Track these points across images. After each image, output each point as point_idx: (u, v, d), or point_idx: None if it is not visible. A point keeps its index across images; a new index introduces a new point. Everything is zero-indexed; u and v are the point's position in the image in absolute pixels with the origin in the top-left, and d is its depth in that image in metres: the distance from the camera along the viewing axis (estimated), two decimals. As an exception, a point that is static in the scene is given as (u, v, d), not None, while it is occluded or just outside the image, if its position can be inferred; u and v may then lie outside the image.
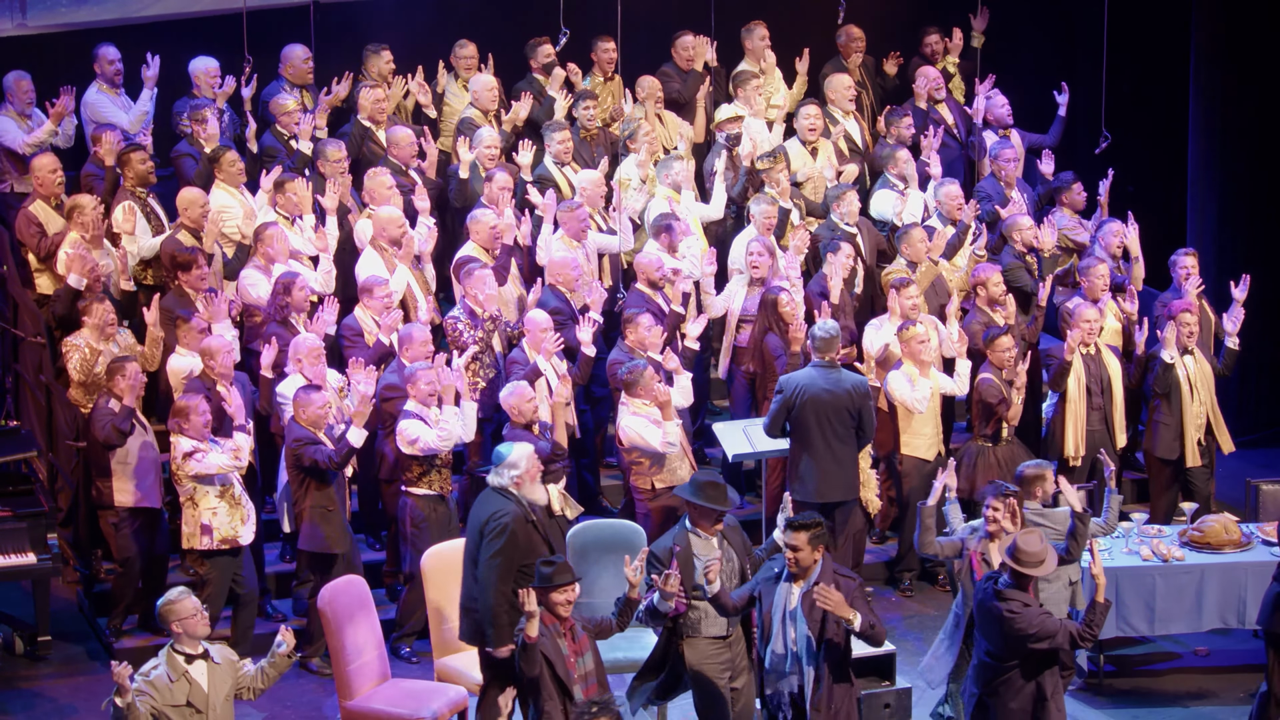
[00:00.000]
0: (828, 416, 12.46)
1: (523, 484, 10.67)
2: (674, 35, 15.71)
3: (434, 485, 12.23)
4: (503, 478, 10.70)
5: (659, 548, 10.52)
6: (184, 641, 9.88)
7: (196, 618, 9.86)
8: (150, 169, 13.81)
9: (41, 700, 12.08)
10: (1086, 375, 13.48)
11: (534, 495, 10.67)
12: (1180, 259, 14.09)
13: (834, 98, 15.55)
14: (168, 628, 9.88)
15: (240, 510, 11.99)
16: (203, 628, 9.90)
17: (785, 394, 12.50)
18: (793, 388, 12.51)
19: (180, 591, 9.93)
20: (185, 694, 9.80)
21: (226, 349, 12.35)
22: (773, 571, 10.10)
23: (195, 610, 9.87)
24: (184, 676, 9.81)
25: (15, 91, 14.36)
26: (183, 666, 9.83)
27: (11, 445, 12.87)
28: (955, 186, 14.60)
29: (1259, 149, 16.15)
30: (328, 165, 13.99)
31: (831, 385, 12.48)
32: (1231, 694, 12.17)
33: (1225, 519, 12.41)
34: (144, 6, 15.13)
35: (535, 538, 10.62)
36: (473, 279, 13.08)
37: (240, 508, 11.99)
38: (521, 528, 10.58)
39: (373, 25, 15.66)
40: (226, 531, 11.95)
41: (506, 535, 10.57)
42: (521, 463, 10.68)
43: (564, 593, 9.85)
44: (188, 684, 9.82)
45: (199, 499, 11.88)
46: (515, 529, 10.56)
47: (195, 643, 9.90)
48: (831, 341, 12.63)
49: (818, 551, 9.95)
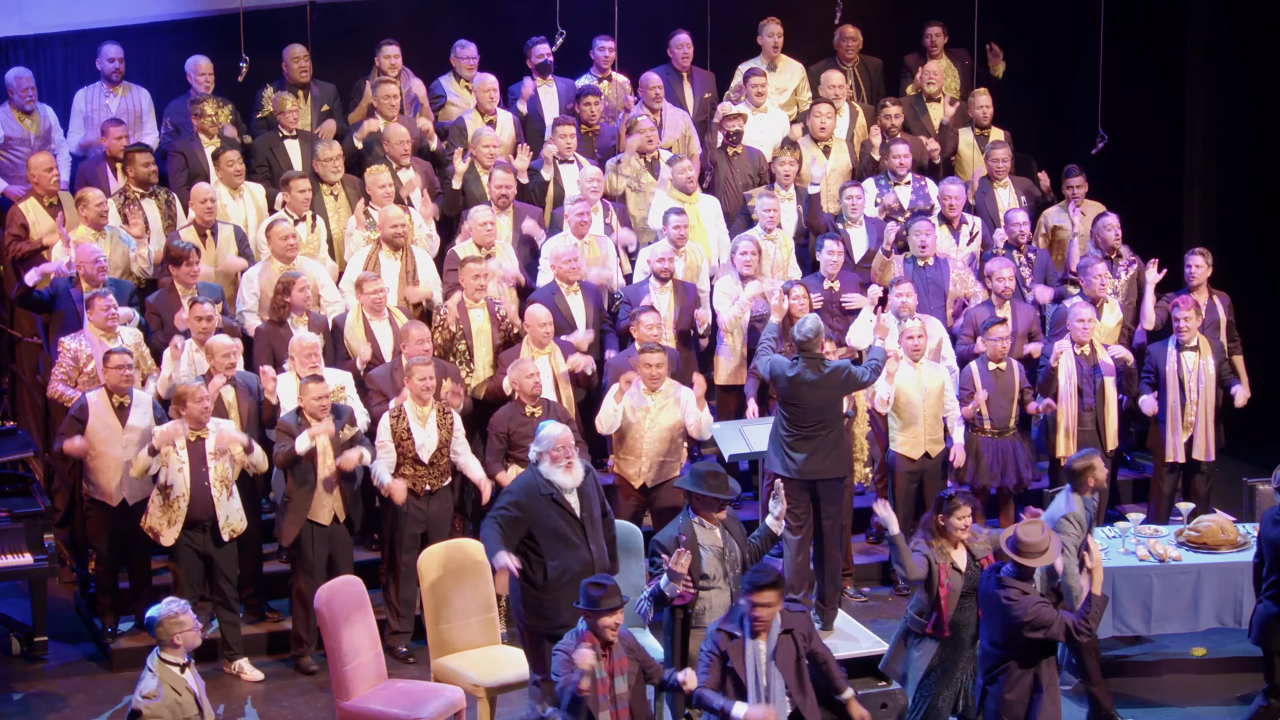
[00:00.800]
0: (816, 402, 12.31)
1: (542, 460, 10.66)
2: (670, 34, 15.72)
3: (407, 479, 12.36)
4: (532, 453, 10.76)
5: (664, 538, 10.54)
6: (173, 651, 9.74)
7: (195, 632, 9.79)
8: (152, 170, 13.85)
9: (38, 700, 12.07)
10: (1079, 375, 13.50)
11: (552, 475, 10.63)
12: (1188, 258, 14.12)
13: (826, 94, 15.55)
14: (168, 639, 9.71)
15: (170, 513, 12.01)
16: (197, 641, 9.84)
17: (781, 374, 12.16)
18: (785, 367, 12.17)
19: (183, 606, 9.80)
20: (192, 706, 9.73)
21: (227, 349, 12.37)
22: (726, 636, 10.00)
23: (194, 624, 9.79)
24: (186, 689, 9.71)
25: (16, 88, 14.39)
26: (178, 677, 9.70)
27: (8, 446, 12.87)
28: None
29: (1256, 148, 16.16)
30: (320, 165, 14.02)
31: (819, 375, 12.36)
32: (1228, 694, 12.17)
33: (1222, 519, 12.41)
34: (142, 7, 15.14)
35: (553, 513, 10.58)
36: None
37: (171, 510, 12.01)
38: (532, 500, 10.57)
39: (371, 25, 15.66)
40: (153, 521, 12.03)
41: (508, 506, 10.61)
42: (544, 441, 10.68)
43: (613, 616, 9.76)
44: (190, 695, 9.73)
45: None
46: (522, 501, 10.57)
47: (182, 652, 9.78)
48: (813, 341, 12.40)
49: (779, 603, 9.99)
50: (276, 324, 12.95)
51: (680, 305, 13.71)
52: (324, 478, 12.22)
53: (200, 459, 12.01)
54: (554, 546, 10.57)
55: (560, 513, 10.60)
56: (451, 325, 13.24)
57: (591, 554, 10.63)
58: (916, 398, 13.24)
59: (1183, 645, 12.58)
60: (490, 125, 14.81)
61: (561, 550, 10.57)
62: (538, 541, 10.60)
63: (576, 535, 10.61)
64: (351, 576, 11.39)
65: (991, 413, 13.40)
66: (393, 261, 13.64)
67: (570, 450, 10.68)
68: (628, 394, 12.69)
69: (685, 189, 14.45)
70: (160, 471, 11.97)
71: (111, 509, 12.34)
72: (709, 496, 10.52)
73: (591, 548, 10.65)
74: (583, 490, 10.71)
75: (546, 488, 10.59)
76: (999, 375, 13.42)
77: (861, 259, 14.41)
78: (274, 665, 12.51)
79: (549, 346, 13.11)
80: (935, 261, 14.19)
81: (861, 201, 14.56)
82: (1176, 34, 16.34)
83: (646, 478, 12.81)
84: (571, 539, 10.60)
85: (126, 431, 12.25)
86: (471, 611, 11.35)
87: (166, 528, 12.05)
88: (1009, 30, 16.51)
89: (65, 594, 13.22)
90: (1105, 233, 14.45)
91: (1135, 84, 16.34)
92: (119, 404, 12.23)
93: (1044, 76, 17.04)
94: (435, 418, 12.43)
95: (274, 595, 12.96)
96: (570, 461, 10.66)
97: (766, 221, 14.18)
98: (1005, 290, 13.91)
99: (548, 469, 10.61)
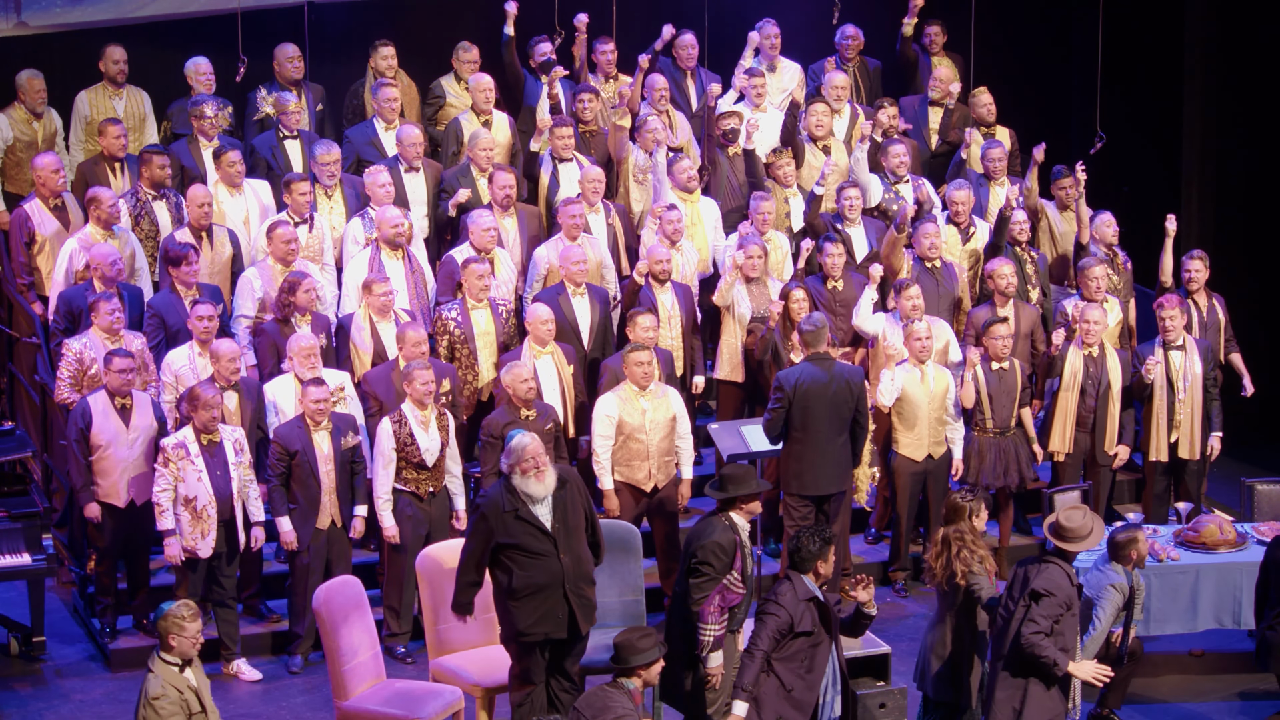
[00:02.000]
0: (823, 409, 12.44)
1: (514, 473, 10.65)
2: (674, 35, 15.72)
3: (409, 483, 12.31)
4: (503, 464, 10.73)
5: (721, 540, 10.37)
6: (169, 651, 9.74)
7: (194, 640, 9.76)
8: (167, 174, 13.86)
9: (36, 701, 12.07)
10: (1084, 375, 13.50)
11: (526, 487, 10.60)
12: (1185, 261, 14.12)
13: (829, 95, 15.54)
14: (165, 638, 9.71)
15: (201, 524, 12.01)
16: (194, 650, 9.80)
17: (784, 392, 12.47)
18: (791, 384, 12.50)
19: (191, 610, 9.77)
20: (195, 703, 9.73)
21: (232, 354, 12.37)
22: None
23: (197, 634, 9.77)
24: (187, 688, 9.71)
25: (27, 90, 14.38)
26: (179, 676, 9.69)
27: (7, 446, 12.86)
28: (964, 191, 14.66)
29: (1254, 148, 16.15)
30: (318, 168, 14.02)
31: (826, 378, 12.48)
32: (1226, 695, 12.17)
33: (1220, 519, 12.41)
34: (139, 7, 15.13)
35: (517, 528, 10.54)
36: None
37: (201, 522, 12.01)
38: (496, 516, 10.55)
39: (368, 26, 15.66)
40: (187, 541, 12.02)
41: (476, 519, 10.64)
42: (515, 452, 10.64)
43: (653, 668, 9.76)
44: (192, 693, 9.73)
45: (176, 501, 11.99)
46: (487, 514, 10.56)
47: (176, 653, 9.75)
48: (820, 334, 12.63)
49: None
50: (282, 322, 12.94)
51: (682, 304, 13.70)
52: (324, 484, 12.21)
53: (220, 463, 12.04)
54: (521, 559, 10.55)
55: (526, 528, 10.55)
56: (452, 329, 13.22)
57: (563, 565, 10.57)
58: (921, 399, 13.23)
59: (1181, 645, 12.61)
60: (486, 125, 14.81)
61: (529, 564, 10.53)
62: (506, 553, 10.58)
63: (546, 547, 10.54)
64: (350, 577, 11.38)
65: (993, 412, 13.39)
66: (395, 262, 13.63)
67: (541, 459, 10.60)
68: (620, 399, 12.65)
69: (686, 188, 14.44)
70: (178, 488, 11.97)
71: (119, 510, 12.30)
72: (750, 494, 10.48)
73: (564, 559, 10.57)
74: (559, 499, 10.62)
75: (511, 504, 10.55)
76: (1001, 375, 13.40)
77: (864, 259, 14.41)
78: (272, 665, 12.51)
79: (550, 346, 13.08)
80: (942, 264, 14.19)
81: (860, 202, 14.55)
82: (1174, 34, 16.33)
83: (657, 479, 12.79)
84: (540, 552, 10.54)
85: (130, 432, 12.25)
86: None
87: (201, 539, 12.04)
88: (1008, 30, 16.52)
89: (64, 594, 13.21)
90: (1104, 229, 14.44)
91: (1133, 84, 16.36)
92: (121, 405, 12.23)
93: (1042, 77, 17.04)
94: (435, 420, 12.42)
95: (272, 596, 12.95)
96: (541, 470, 10.60)
97: (761, 224, 14.17)
98: (1007, 288, 13.89)
99: (519, 480, 10.58)
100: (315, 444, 12.19)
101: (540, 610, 10.51)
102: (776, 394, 12.53)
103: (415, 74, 15.41)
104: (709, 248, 14.50)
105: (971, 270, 14.45)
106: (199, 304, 12.68)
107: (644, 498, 12.83)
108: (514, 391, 12.39)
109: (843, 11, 15.97)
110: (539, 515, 10.56)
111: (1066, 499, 12.73)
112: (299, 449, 12.16)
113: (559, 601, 10.55)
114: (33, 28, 14.96)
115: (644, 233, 14.40)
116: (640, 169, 14.74)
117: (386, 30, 15.52)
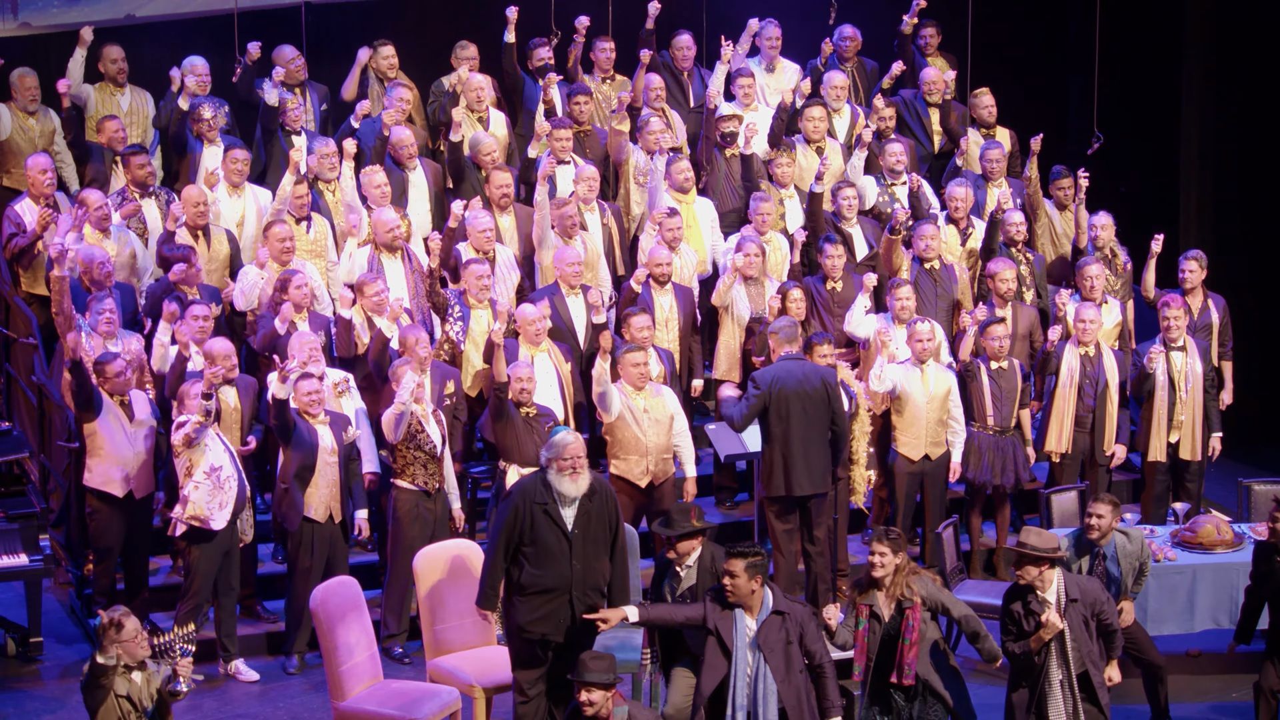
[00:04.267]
0: (801, 409, 12.41)
1: (551, 467, 10.57)
2: (671, 35, 15.73)
3: (416, 479, 12.29)
4: (542, 458, 10.69)
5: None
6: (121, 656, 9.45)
7: (137, 640, 9.47)
8: (149, 173, 13.86)
9: (33, 701, 12.07)
10: (1081, 374, 13.50)
11: (560, 485, 10.54)
12: (1181, 261, 14.12)
13: (828, 95, 15.54)
14: (105, 645, 9.40)
15: (221, 495, 11.97)
16: (142, 650, 9.50)
17: (761, 389, 12.45)
18: (767, 382, 12.47)
19: (124, 611, 9.52)
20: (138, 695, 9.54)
21: (228, 353, 12.36)
22: (719, 608, 10.03)
23: (136, 632, 9.46)
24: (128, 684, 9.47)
25: (18, 88, 14.38)
26: (122, 677, 9.45)
27: (3, 446, 12.87)
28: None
29: (1252, 148, 16.16)
30: (318, 161, 14.03)
31: (802, 378, 12.45)
32: (1223, 695, 12.16)
33: (1218, 519, 12.40)
34: (136, 7, 15.14)
35: (541, 522, 10.51)
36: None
37: (222, 492, 11.97)
38: (525, 504, 10.52)
39: (366, 26, 15.67)
40: (200, 510, 11.90)
41: (505, 505, 10.59)
42: (556, 448, 10.56)
43: (588, 692, 9.73)
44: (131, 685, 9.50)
45: (193, 470, 11.87)
46: (518, 501, 10.54)
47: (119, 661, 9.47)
48: (793, 332, 12.63)
49: (755, 581, 9.90)
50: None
51: (680, 306, 13.71)
52: (322, 472, 12.19)
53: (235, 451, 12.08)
54: (536, 555, 10.53)
55: (549, 524, 10.52)
56: (452, 334, 13.22)
57: (573, 571, 10.53)
58: (921, 399, 13.23)
59: (1179, 645, 12.60)
60: (481, 124, 14.81)
61: (543, 561, 10.50)
62: (524, 546, 10.58)
63: (562, 550, 10.51)
64: (347, 577, 11.39)
65: (993, 411, 13.39)
66: (394, 262, 13.63)
67: (580, 461, 10.54)
68: (620, 395, 12.67)
69: (683, 189, 14.45)
70: (202, 458, 11.88)
71: (119, 501, 12.29)
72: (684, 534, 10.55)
73: (576, 565, 10.52)
74: (585, 506, 10.55)
75: (543, 497, 10.52)
76: (1000, 375, 13.40)
77: (864, 258, 14.41)
78: (269, 666, 12.51)
79: (544, 345, 13.08)
80: (942, 266, 14.18)
81: (857, 201, 14.56)
82: (1172, 34, 16.33)
83: (653, 474, 12.80)
84: (556, 553, 10.51)
85: (134, 426, 12.27)
86: (467, 612, 11.32)
87: (218, 510, 11.96)
88: (1007, 30, 16.53)
89: (61, 595, 13.22)
90: (1101, 231, 14.44)
91: (1131, 85, 16.37)
92: (121, 401, 12.24)
93: (1039, 78, 17.04)
94: (433, 415, 12.43)
95: (269, 596, 12.95)
96: (577, 472, 10.55)
97: (760, 224, 14.17)
98: (1007, 291, 13.88)
99: (554, 476, 10.55)
100: (319, 435, 12.18)
101: (543, 610, 10.49)
102: (752, 389, 12.51)
103: (415, 74, 15.41)
104: (706, 248, 14.51)
105: (970, 270, 14.45)
106: (195, 304, 12.68)
107: (641, 496, 12.83)
108: (510, 388, 12.36)
109: (840, 12, 15.97)
110: (564, 516, 10.55)
111: (1063, 500, 12.76)
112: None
113: (563, 605, 10.52)
114: (35, 27, 14.98)
115: (642, 237, 14.40)
116: (641, 171, 14.75)
117: (387, 30, 15.54)
